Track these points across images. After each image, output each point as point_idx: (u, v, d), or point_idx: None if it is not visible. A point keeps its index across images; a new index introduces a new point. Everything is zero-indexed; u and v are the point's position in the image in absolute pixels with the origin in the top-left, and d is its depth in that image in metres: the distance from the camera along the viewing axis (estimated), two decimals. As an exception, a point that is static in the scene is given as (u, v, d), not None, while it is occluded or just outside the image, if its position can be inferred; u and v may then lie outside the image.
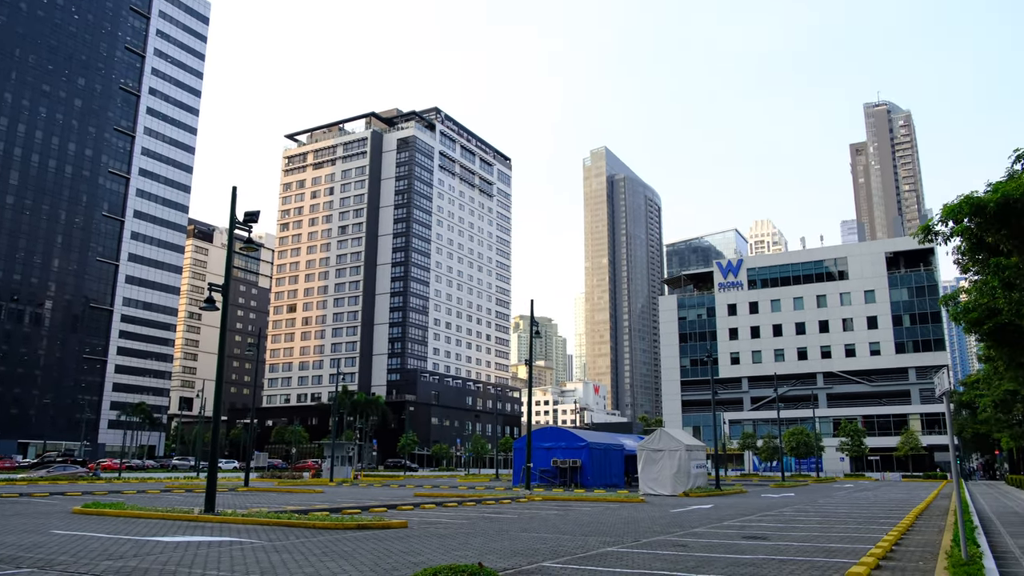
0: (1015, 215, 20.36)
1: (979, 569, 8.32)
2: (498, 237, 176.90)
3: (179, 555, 12.07)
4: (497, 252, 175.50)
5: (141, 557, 11.71)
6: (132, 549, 12.76)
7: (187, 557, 11.84)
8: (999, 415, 64.05)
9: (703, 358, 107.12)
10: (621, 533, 16.59)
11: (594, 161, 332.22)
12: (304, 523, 17.58)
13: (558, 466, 44.12)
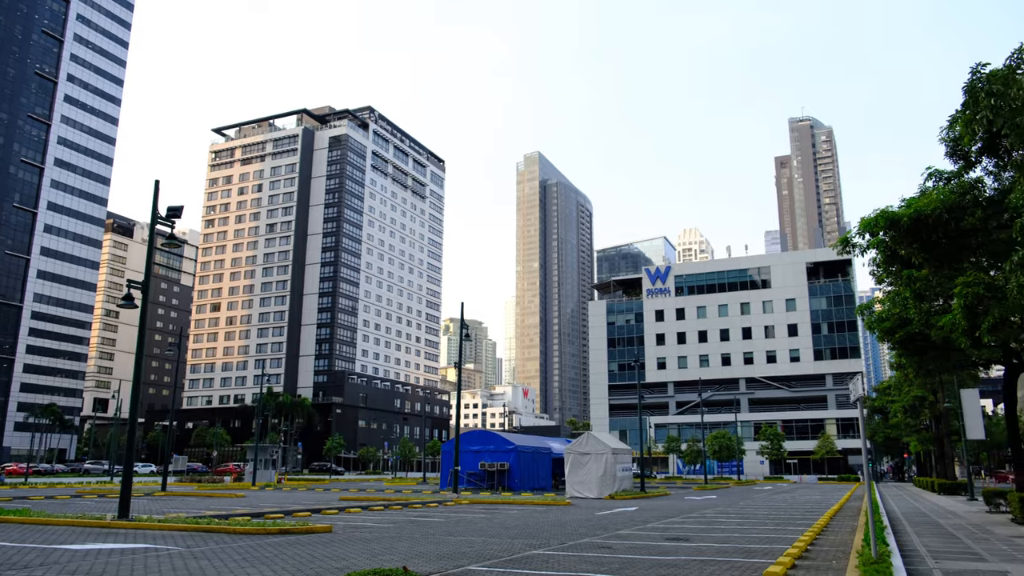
0: (926, 229, 21.31)
1: (887, 567, 8.67)
2: (430, 239, 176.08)
3: (89, 563, 11.59)
4: (428, 254, 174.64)
5: (48, 566, 11.20)
6: (38, 558, 12.20)
7: (98, 565, 11.38)
8: (908, 420, 67.00)
9: (631, 363, 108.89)
10: (547, 536, 16.69)
11: (527, 166, 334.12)
12: (224, 528, 17.12)
13: (486, 469, 44.13)
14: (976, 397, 36.74)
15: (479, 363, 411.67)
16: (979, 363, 32.62)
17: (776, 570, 10.06)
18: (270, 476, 55.33)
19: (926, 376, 38.59)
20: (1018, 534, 18.25)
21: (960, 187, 20.91)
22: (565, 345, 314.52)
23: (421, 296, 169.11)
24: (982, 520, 23.22)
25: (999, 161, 19.47)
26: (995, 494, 27.95)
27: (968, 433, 35.70)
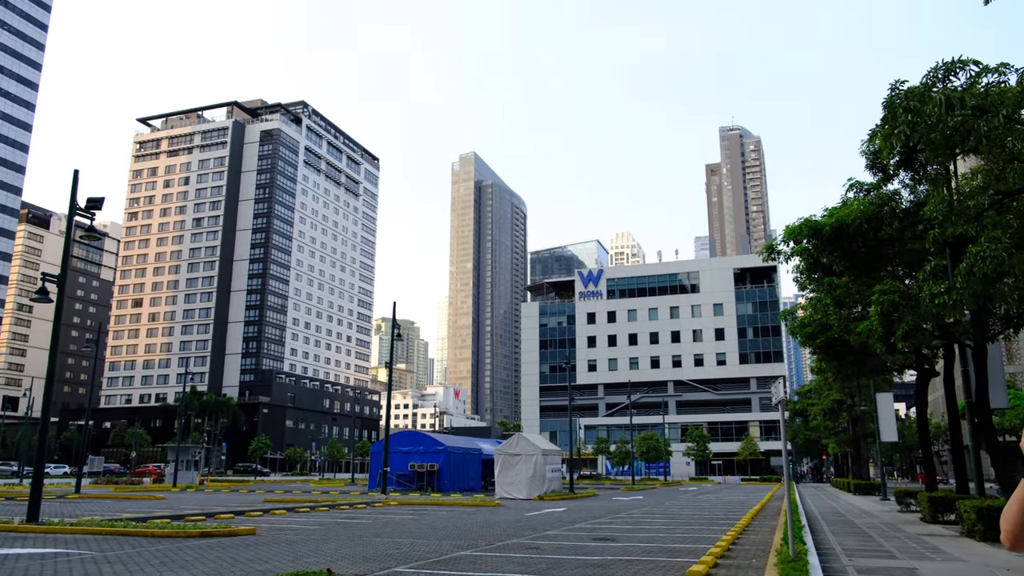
0: (847, 238, 22.08)
1: (804, 565, 8.93)
2: (363, 237, 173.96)
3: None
4: (361, 252, 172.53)
5: (-51, 571, 10.62)
6: (-62, 562, 11.57)
7: (3, 572, 10.84)
8: (827, 422, 69.39)
9: (562, 364, 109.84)
10: (476, 537, 16.65)
11: (463, 166, 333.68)
12: (141, 531, 16.54)
13: (416, 470, 43.82)
14: (890, 401, 38.28)
15: (411, 363, 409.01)
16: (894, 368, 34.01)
17: (699, 569, 10.25)
18: (192, 478, 53.79)
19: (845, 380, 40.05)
20: (926, 532, 19.06)
21: (879, 198, 21.75)
22: (497, 346, 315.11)
23: (353, 295, 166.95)
24: (894, 519, 24.16)
25: (915, 174, 20.30)
26: (906, 494, 29.13)
27: (882, 435, 37.15)
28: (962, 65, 13.01)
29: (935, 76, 13.20)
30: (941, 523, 21.56)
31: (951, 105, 12.25)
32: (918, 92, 13.04)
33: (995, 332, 21.85)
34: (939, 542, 16.45)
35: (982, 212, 14.15)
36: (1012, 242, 13.15)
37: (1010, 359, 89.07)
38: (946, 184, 17.18)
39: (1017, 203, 14.20)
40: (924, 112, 12.63)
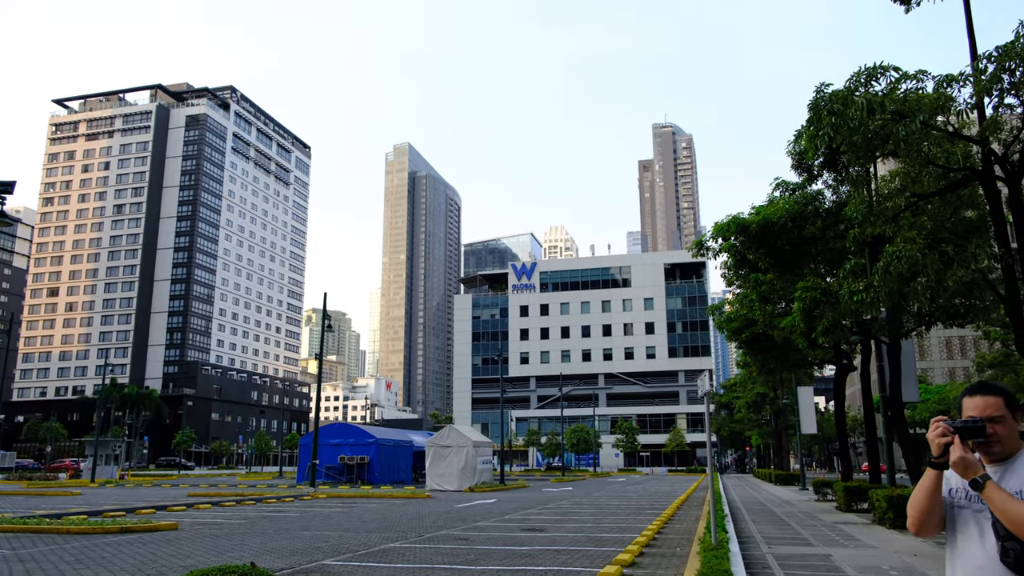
0: (773, 236, 22.71)
1: (725, 552, 9.18)
2: (293, 227, 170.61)
3: None
4: (291, 242, 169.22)
5: None
6: None
7: (-96, 569, 10.30)
8: (751, 415, 71.41)
9: (494, 357, 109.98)
10: (405, 529, 16.58)
11: (397, 156, 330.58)
12: (56, 528, 15.91)
13: (346, 463, 43.33)
14: (810, 394, 39.59)
15: (342, 355, 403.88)
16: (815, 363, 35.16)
17: (624, 558, 10.43)
18: (111, 472, 52.00)
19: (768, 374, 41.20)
20: (841, 520, 19.81)
21: (803, 198, 22.42)
22: (430, 338, 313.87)
23: (283, 285, 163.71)
24: (811, 508, 25.04)
25: (838, 175, 21.00)
26: (823, 484, 30.20)
27: (802, 428, 38.40)
28: (883, 71, 13.51)
29: (858, 81, 13.66)
30: (855, 511, 22.44)
31: (872, 109, 12.70)
32: (842, 95, 13.48)
33: (909, 329, 22.81)
34: (852, 529, 17.12)
35: (899, 213, 14.73)
36: (926, 243, 13.74)
37: (922, 355, 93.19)
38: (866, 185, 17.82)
39: (931, 205, 14.83)
40: (847, 115, 13.06)
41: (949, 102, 12.72)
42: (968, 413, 2.72)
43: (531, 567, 10.45)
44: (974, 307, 20.04)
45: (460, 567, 10.53)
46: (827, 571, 10.83)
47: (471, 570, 10.23)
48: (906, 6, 14.43)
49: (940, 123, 13.30)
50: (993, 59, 11.98)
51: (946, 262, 13.75)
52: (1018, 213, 13.17)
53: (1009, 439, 2.69)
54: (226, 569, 4.99)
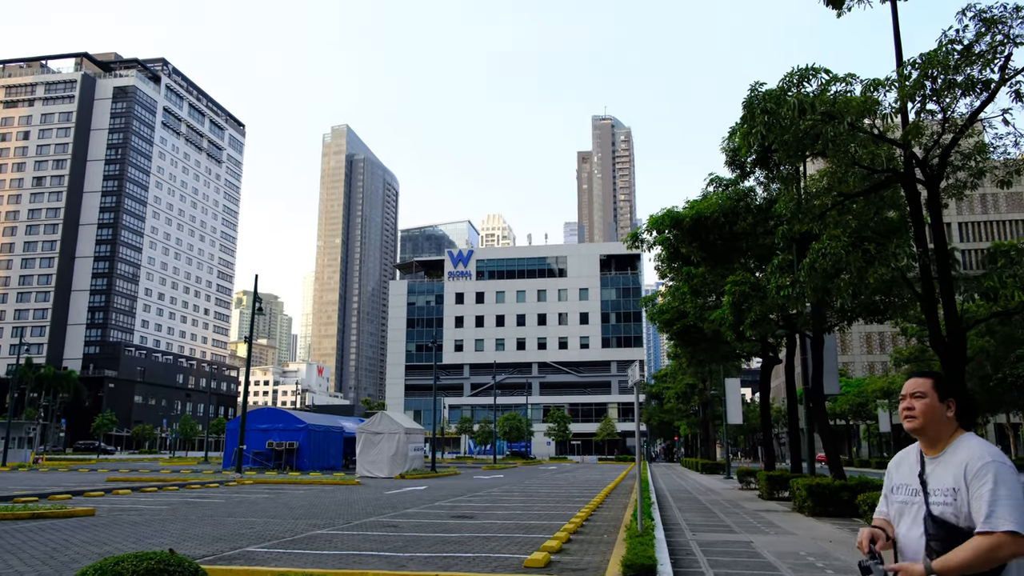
0: (705, 230, 23.15)
1: (650, 539, 9.36)
2: (225, 206, 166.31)
3: None
4: (223, 222, 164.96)
5: None
6: None
7: None
8: (680, 405, 72.91)
9: (429, 344, 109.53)
10: (333, 515, 16.40)
11: (334, 138, 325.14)
12: (-37, 513, 15.22)
13: (274, 448, 42.63)
14: (737, 386, 40.67)
15: (273, 339, 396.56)
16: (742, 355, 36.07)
17: (552, 544, 10.53)
18: (25, 456, 50.08)
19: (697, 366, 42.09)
20: (763, 508, 20.42)
21: (736, 194, 22.91)
22: (364, 324, 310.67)
23: (212, 266, 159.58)
24: (735, 496, 25.73)
25: (769, 173, 21.50)
26: (747, 473, 31.07)
27: (729, 418, 39.43)
28: (814, 73, 13.87)
29: (791, 81, 13.99)
30: (776, 500, 23.16)
31: (803, 110, 13.03)
32: (775, 95, 13.79)
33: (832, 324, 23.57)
34: (773, 517, 17.67)
35: (826, 212, 15.18)
36: (850, 241, 14.20)
37: (844, 349, 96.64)
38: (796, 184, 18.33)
39: (856, 205, 15.32)
40: (779, 114, 13.36)
41: (875, 105, 13.14)
42: (904, 392, 2.93)
43: (460, 553, 10.47)
44: (893, 304, 20.84)
45: (388, 554, 10.47)
46: (748, 557, 11.15)
47: (399, 557, 10.18)
48: (837, 10, 14.83)
49: (867, 125, 13.73)
50: (917, 66, 12.41)
51: (868, 260, 14.24)
52: (936, 215, 13.72)
53: (928, 417, 2.87)
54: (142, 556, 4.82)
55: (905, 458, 3.00)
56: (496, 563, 9.60)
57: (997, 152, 14.13)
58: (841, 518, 16.90)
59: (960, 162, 14.75)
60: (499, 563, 9.60)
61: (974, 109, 12.96)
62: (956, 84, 12.23)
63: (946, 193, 15.10)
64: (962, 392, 2.92)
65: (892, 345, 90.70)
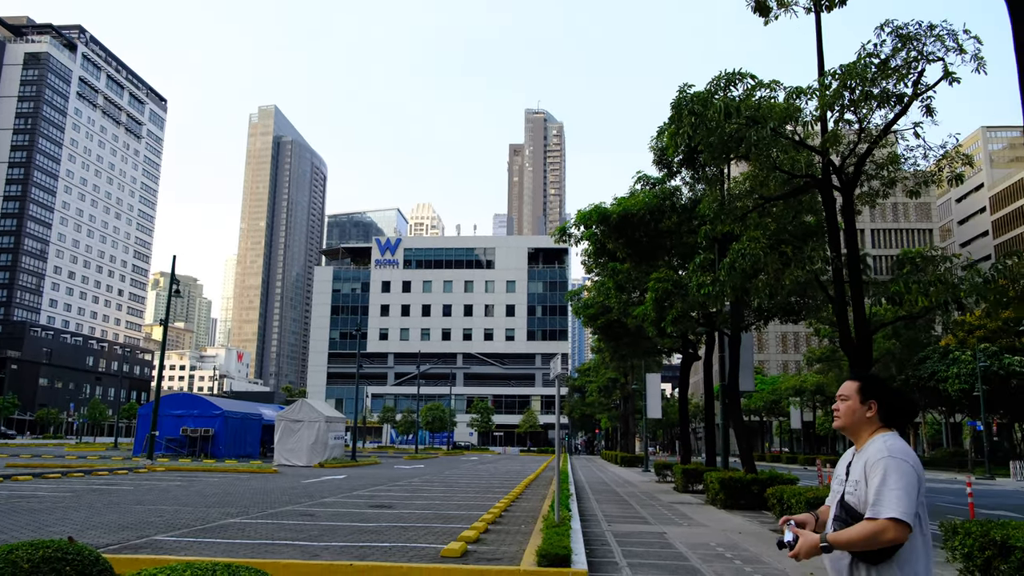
0: (632, 227, 23.50)
1: (566, 530, 9.49)
2: (143, 184, 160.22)
3: None
4: (141, 200, 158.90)
5: None
6: None
7: None
8: (602, 399, 74.01)
9: (353, 331, 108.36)
10: (248, 504, 16.06)
11: (262, 119, 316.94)
12: None
13: (188, 435, 41.48)
14: (658, 381, 41.45)
15: (191, 322, 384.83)
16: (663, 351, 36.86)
17: (470, 534, 10.56)
18: (-83, 438, 47.30)
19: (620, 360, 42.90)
20: (678, 500, 20.93)
21: (662, 192, 23.34)
22: (287, 309, 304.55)
23: (128, 245, 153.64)
24: (652, 488, 26.29)
25: (695, 174, 22.01)
26: (664, 466, 31.79)
27: (648, 412, 40.19)
28: (740, 77, 14.22)
29: (718, 84, 14.32)
30: (691, 492, 23.78)
31: (729, 113, 13.35)
32: (702, 97, 14.09)
33: (749, 323, 24.27)
34: (687, 509, 18.13)
35: (747, 213, 15.61)
36: (768, 243, 14.64)
37: (760, 348, 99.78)
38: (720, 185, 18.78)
39: (776, 208, 15.82)
40: (706, 116, 13.66)
41: (797, 112, 13.57)
42: (837, 394, 3.32)
43: (376, 543, 10.39)
44: (807, 305, 21.61)
45: (303, 543, 10.31)
46: (661, 548, 11.41)
47: (314, 546, 10.04)
48: (764, 18, 15.24)
49: (788, 132, 14.17)
50: (837, 76, 12.87)
51: (785, 262, 14.71)
52: (849, 221, 14.27)
53: (849, 418, 3.24)
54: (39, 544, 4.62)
55: (848, 452, 3.34)
56: (412, 553, 9.56)
57: (908, 163, 14.79)
58: (751, 511, 17.47)
59: (874, 171, 15.39)
60: (416, 553, 9.57)
61: (888, 121, 13.51)
62: (873, 96, 12.73)
63: (860, 200, 15.72)
64: (886, 395, 3.19)
65: (806, 345, 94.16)
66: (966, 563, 7.09)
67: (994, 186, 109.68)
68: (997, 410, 54.89)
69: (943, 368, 51.50)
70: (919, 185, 15.07)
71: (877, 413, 3.16)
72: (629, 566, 9.67)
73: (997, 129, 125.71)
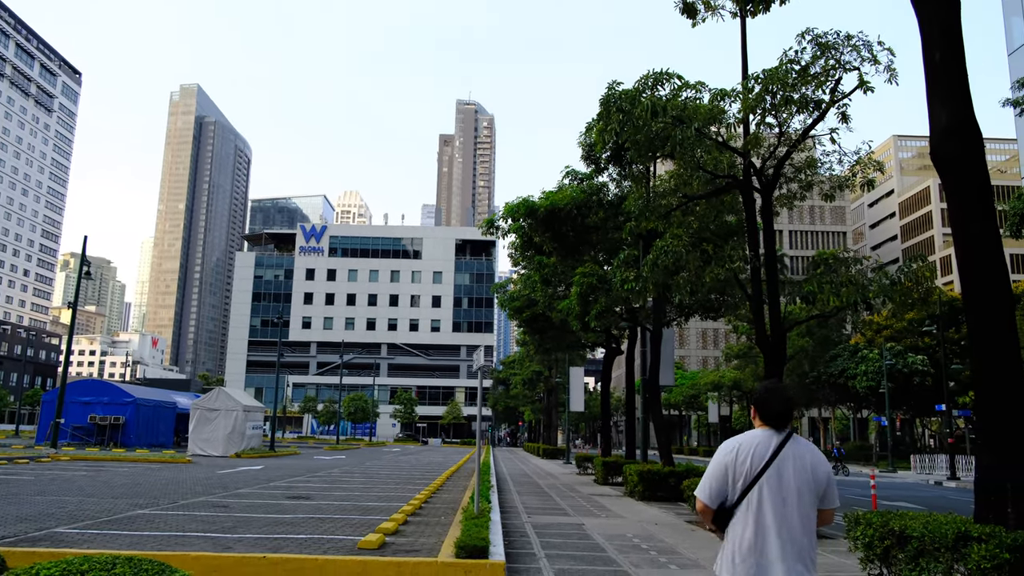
0: (559, 222, 23.67)
1: (486, 521, 9.51)
2: (54, 159, 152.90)
3: None
4: (50, 176, 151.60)
5: None
6: None
7: None
8: (526, 391, 74.53)
9: (274, 319, 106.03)
10: (158, 495, 15.54)
11: (183, 97, 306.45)
12: None
13: (97, 423, 39.89)
14: (581, 375, 41.98)
15: (103, 306, 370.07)
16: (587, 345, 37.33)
17: (388, 526, 10.47)
18: None
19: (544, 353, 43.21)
20: (598, 492, 21.23)
21: (590, 188, 23.58)
22: (206, 295, 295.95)
23: (35, 224, 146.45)
24: (572, 480, 26.61)
25: (622, 170, 22.30)
26: (585, 459, 32.20)
27: (571, 405, 40.66)
28: (668, 77, 14.45)
29: (645, 83, 14.51)
30: (611, 485, 24.15)
31: (656, 112, 13.56)
32: (630, 95, 14.26)
33: (671, 319, 24.78)
34: (606, 501, 18.41)
35: (671, 211, 15.90)
36: (691, 241, 14.96)
37: (681, 344, 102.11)
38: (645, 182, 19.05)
39: (699, 207, 16.15)
40: (634, 114, 13.83)
41: (721, 114, 13.88)
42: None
43: (292, 535, 10.19)
44: (727, 303, 22.19)
45: (215, 535, 10.03)
46: (579, 539, 11.55)
47: (227, 538, 9.78)
48: (692, 19, 15.53)
49: (712, 132, 14.48)
50: (760, 81, 13.22)
51: (706, 260, 15.05)
52: (768, 222, 14.69)
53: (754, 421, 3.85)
54: (-77, 538, 4.37)
55: None
56: (329, 545, 9.42)
57: (824, 168, 15.32)
58: (669, 503, 17.86)
59: (792, 174, 15.87)
60: (332, 545, 9.43)
61: (807, 126, 13.96)
62: (793, 101, 13.12)
63: (778, 202, 16.20)
64: (756, 400, 3.77)
65: (725, 341, 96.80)
66: (866, 552, 7.38)
67: (903, 192, 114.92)
68: (901, 406, 57.62)
69: (852, 366, 53.75)
70: (834, 189, 15.62)
71: (756, 414, 3.77)
72: (547, 557, 9.75)
73: (908, 138, 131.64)
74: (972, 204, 7.35)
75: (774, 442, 3.58)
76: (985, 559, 6.02)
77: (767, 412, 3.67)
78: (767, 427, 3.66)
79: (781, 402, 3.66)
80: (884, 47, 12.54)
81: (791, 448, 3.57)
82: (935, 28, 7.65)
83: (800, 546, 3.44)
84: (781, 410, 3.65)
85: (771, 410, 3.65)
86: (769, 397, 3.68)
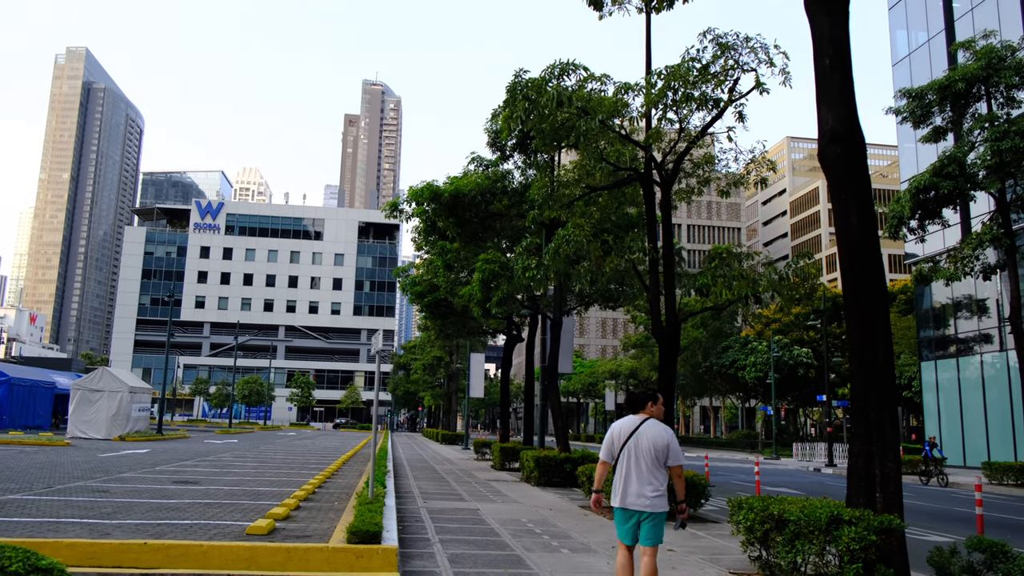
0: (463, 207, 23.62)
1: (380, 506, 9.43)
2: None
3: None
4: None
5: None
6: None
7: None
8: (427, 377, 74.26)
9: (165, 298, 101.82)
10: (32, 479, 14.70)
11: (70, 61, 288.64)
12: None
13: (-35, 404, 37.39)
14: (482, 361, 42.17)
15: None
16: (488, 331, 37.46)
17: (279, 511, 10.25)
18: None
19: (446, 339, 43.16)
20: (495, 478, 21.42)
21: (495, 175, 23.62)
22: (91, 271, 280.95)
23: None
24: (470, 466, 26.75)
25: (527, 159, 22.44)
26: (483, 445, 32.43)
27: (472, 391, 40.82)
28: (574, 68, 14.61)
29: (552, 73, 14.63)
30: (508, 470, 24.41)
31: (561, 102, 13.68)
32: (537, 84, 14.34)
33: (571, 308, 25.17)
34: (503, 486, 18.60)
35: (574, 201, 16.10)
36: (592, 231, 15.21)
37: (581, 332, 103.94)
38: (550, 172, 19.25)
39: (602, 198, 16.42)
40: (540, 103, 13.92)
41: (625, 107, 14.15)
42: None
43: (177, 520, 9.84)
44: (625, 293, 22.72)
45: (93, 521, 9.57)
46: (474, 524, 11.63)
47: (105, 524, 9.35)
48: (599, 12, 15.73)
49: (616, 125, 14.73)
50: (662, 76, 13.53)
51: (606, 250, 15.34)
52: (667, 215, 15.10)
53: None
54: None
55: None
56: (216, 531, 9.14)
57: (721, 164, 15.84)
58: (564, 488, 18.20)
59: (691, 170, 16.35)
60: (219, 531, 9.16)
61: (706, 123, 14.39)
62: (693, 98, 13.49)
63: (677, 196, 16.67)
64: (627, 399, 5.68)
65: (624, 331, 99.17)
66: (748, 535, 7.73)
67: (794, 192, 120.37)
68: (786, 396, 60.52)
69: (742, 357, 56.05)
70: (730, 186, 16.17)
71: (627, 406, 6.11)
72: (441, 542, 9.78)
73: (800, 140, 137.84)
74: (853, 205, 7.75)
75: (636, 423, 6.09)
76: (854, 540, 6.42)
77: (629, 406, 6.36)
78: (634, 414, 6.24)
79: (634, 402, 6.28)
80: (780, 51, 13.05)
81: (644, 427, 6.05)
82: (825, 36, 8.01)
83: (645, 480, 5.90)
84: (630, 404, 6.33)
85: (628, 404, 6.42)
86: (631, 399, 6.36)
